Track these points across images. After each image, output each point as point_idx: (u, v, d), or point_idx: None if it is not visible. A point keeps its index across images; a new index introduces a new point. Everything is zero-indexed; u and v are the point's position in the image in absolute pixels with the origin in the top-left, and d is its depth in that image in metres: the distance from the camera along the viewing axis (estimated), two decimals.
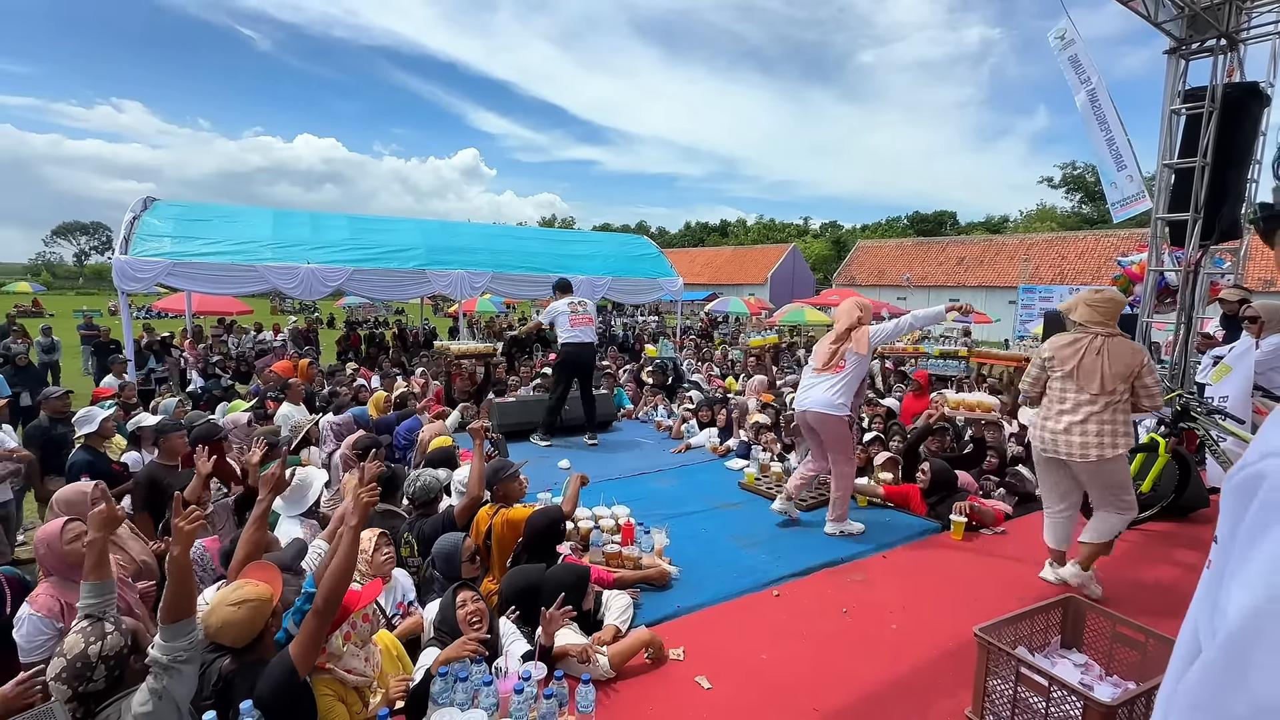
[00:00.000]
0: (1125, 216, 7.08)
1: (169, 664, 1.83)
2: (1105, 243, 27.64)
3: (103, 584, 2.06)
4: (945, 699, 2.51)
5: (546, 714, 2.07)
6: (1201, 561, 0.76)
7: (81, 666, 1.86)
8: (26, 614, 2.36)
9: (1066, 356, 3.29)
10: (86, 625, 1.96)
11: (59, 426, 5.07)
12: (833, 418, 4.11)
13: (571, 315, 6.54)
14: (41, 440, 4.96)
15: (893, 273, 33.52)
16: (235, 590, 2.09)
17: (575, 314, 6.57)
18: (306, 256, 9.41)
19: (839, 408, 4.10)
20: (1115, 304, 3.36)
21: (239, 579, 2.21)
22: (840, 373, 4.15)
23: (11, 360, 8.09)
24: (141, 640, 2.12)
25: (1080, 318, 3.40)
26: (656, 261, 13.43)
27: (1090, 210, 43.33)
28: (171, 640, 1.86)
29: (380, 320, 27.07)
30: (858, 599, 3.34)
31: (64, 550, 2.46)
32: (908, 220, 57.41)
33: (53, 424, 5.10)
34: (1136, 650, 2.41)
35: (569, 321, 6.51)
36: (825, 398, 4.12)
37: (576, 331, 6.51)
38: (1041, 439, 3.36)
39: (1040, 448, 3.38)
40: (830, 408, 4.09)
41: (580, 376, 6.68)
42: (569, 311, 6.55)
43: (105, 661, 1.90)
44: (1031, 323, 18.87)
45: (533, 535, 3.12)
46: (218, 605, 2.06)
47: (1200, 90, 5.91)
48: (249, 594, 2.07)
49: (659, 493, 5.12)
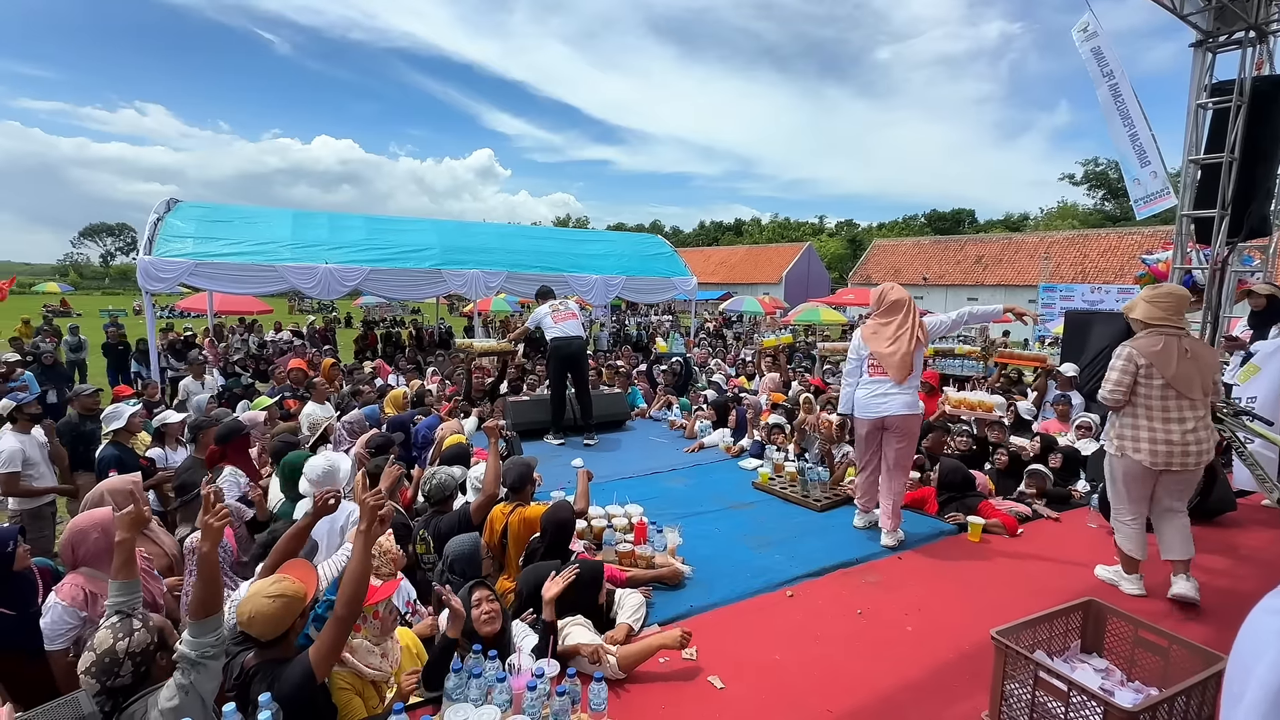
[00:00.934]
0: (1149, 213, 6.93)
1: (197, 659, 1.87)
2: (1128, 240, 27.10)
3: (130, 583, 2.10)
4: (961, 703, 2.48)
5: (559, 711, 2.08)
6: (1226, 566, 0.74)
7: (110, 662, 1.91)
8: (53, 602, 2.43)
9: (1162, 363, 3.10)
10: (116, 621, 2.01)
11: (88, 423, 5.22)
12: (915, 417, 4.01)
13: (553, 313, 6.78)
14: (72, 436, 5.10)
15: (909, 271, 33.15)
16: (274, 583, 2.11)
17: (557, 312, 6.80)
18: (325, 257, 9.54)
19: (917, 405, 4.02)
20: (1179, 299, 3.23)
21: (278, 573, 2.24)
22: (914, 374, 4.00)
23: (39, 359, 8.29)
24: (168, 637, 2.16)
25: (1143, 315, 3.25)
26: (670, 261, 13.42)
27: (1113, 207, 42.54)
28: (200, 636, 1.89)
29: (397, 320, 27.36)
30: (873, 600, 3.31)
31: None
32: (925, 218, 56.79)
33: (82, 420, 5.25)
34: (1159, 655, 2.36)
35: (552, 320, 6.74)
36: (908, 399, 3.96)
37: (561, 327, 6.70)
38: (1154, 453, 3.15)
39: (1151, 462, 3.16)
40: (913, 408, 3.97)
41: (571, 370, 6.80)
42: (550, 311, 6.81)
43: (132, 658, 1.94)
44: (1052, 322, 18.55)
45: (546, 532, 3.13)
46: (254, 595, 2.08)
47: (1228, 84, 5.77)
48: (285, 589, 2.09)
49: (672, 492, 5.12)
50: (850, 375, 4.20)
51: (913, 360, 3.94)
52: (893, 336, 3.98)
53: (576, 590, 2.75)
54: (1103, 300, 18.98)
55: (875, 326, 4.10)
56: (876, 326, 4.09)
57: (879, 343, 4.01)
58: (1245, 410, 4.18)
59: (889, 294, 4.11)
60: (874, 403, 4.00)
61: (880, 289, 4.18)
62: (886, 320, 4.05)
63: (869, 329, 4.13)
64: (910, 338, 3.93)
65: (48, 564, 2.84)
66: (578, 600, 2.76)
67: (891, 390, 3.95)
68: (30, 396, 4.52)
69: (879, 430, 4.04)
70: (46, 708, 1.84)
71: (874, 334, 4.07)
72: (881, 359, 3.98)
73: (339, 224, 10.88)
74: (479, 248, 11.24)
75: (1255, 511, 4.51)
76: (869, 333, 4.11)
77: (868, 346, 4.07)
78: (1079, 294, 20.00)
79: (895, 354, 3.92)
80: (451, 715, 2.06)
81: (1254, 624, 0.70)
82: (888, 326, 4.03)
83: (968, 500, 4.44)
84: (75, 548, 2.55)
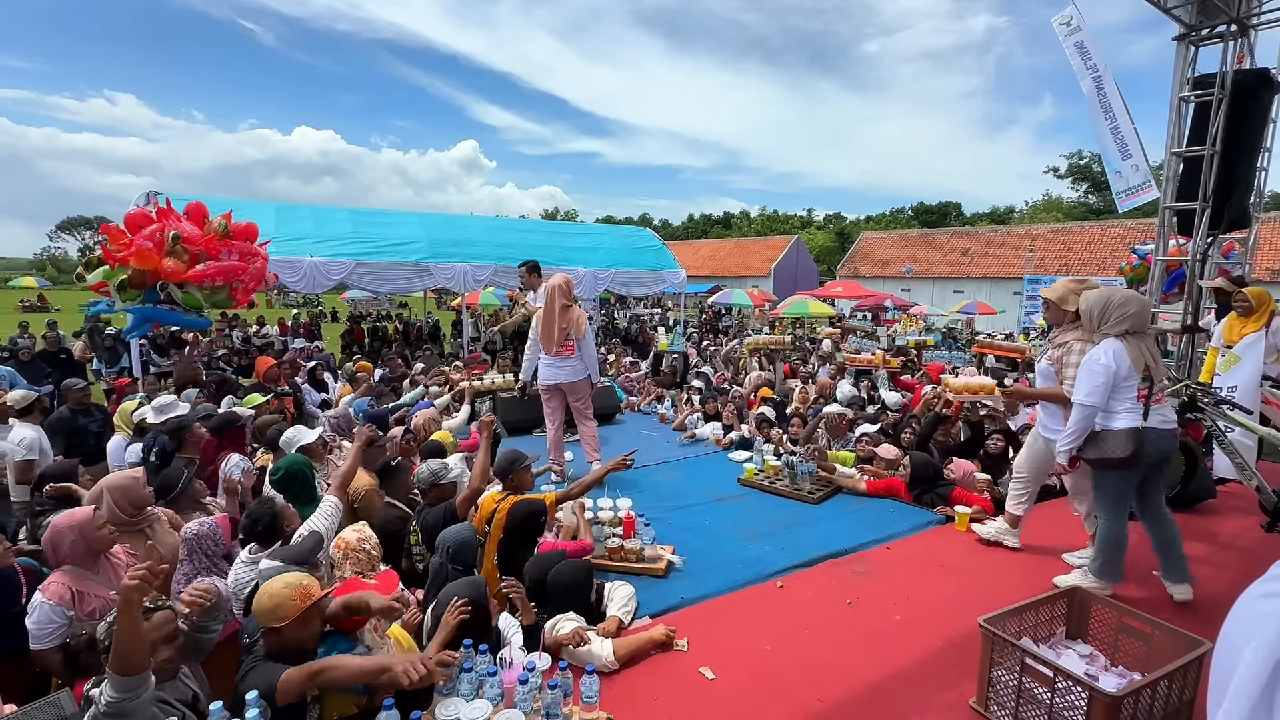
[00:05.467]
0: (1131, 206, 7.01)
1: (105, 712, 1.68)
2: (1111, 233, 27.43)
3: (134, 679, 1.70)
4: (949, 690, 2.51)
5: (551, 704, 2.08)
6: (1207, 553, 0.74)
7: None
8: (39, 601, 2.39)
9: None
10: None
11: (80, 417, 5.20)
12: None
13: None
14: (65, 431, 5.04)
15: (897, 264, 33.34)
16: (295, 576, 2.10)
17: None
18: (309, 250, 9.41)
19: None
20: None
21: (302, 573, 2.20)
22: None
23: (16, 354, 8.12)
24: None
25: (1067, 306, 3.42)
26: (659, 254, 13.38)
27: (1096, 200, 42.95)
28: (115, 690, 1.69)
29: (383, 314, 27.10)
30: (861, 590, 3.34)
31: (95, 536, 2.49)
32: (912, 211, 57.07)
33: (74, 415, 5.21)
34: (1142, 641, 2.41)
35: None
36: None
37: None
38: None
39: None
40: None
41: None
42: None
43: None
44: (1037, 314, 18.76)
45: (512, 525, 3.14)
46: (273, 579, 2.09)
47: (1210, 77, 5.83)
48: (294, 581, 2.07)
49: (662, 485, 5.13)
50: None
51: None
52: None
53: (569, 590, 2.75)
54: None
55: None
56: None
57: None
58: (1226, 400, 4.26)
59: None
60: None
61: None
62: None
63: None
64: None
65: (31, 564, 2.79)
66: (571, 601, 2.76)
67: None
68: (40, 391, 4.58)
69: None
70: (28, 709, 1.81)
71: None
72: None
73: (323, 217, 10.73)
74: (466, 241, 11.14)
75: (1234, 499, 4.60)
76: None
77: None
78: None
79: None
80: (443, 710, 2.06)
81: (1242, 609, 0.71)
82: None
83: (939, 490, 4.53)
84: (56, 548, 2.51)
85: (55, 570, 2.51)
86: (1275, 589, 0.67)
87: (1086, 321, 3.19)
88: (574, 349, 5.07)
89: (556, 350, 5.05)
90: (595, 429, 5.31)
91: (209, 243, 5.63)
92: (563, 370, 5.10)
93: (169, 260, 5.33)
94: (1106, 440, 3.02)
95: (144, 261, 5.25)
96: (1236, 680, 0.64)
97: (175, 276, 5.36)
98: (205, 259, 5.57)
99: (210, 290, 5.62)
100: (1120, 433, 2.99)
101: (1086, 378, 3.03)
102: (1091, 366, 3.02)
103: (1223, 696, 0.66)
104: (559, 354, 5.08)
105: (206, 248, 5.60)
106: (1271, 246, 21.81)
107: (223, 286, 5.69)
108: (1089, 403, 3.00)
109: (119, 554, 2.70)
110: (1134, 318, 3.03)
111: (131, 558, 2.75)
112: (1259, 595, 0.69)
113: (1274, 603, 0.66)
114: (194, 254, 5.52)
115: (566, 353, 5.05)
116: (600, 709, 2.24)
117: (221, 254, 5.68)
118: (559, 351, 5.07)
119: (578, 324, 5.00)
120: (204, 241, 5.60)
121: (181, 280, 5.41)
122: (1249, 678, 0.63)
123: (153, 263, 5.29)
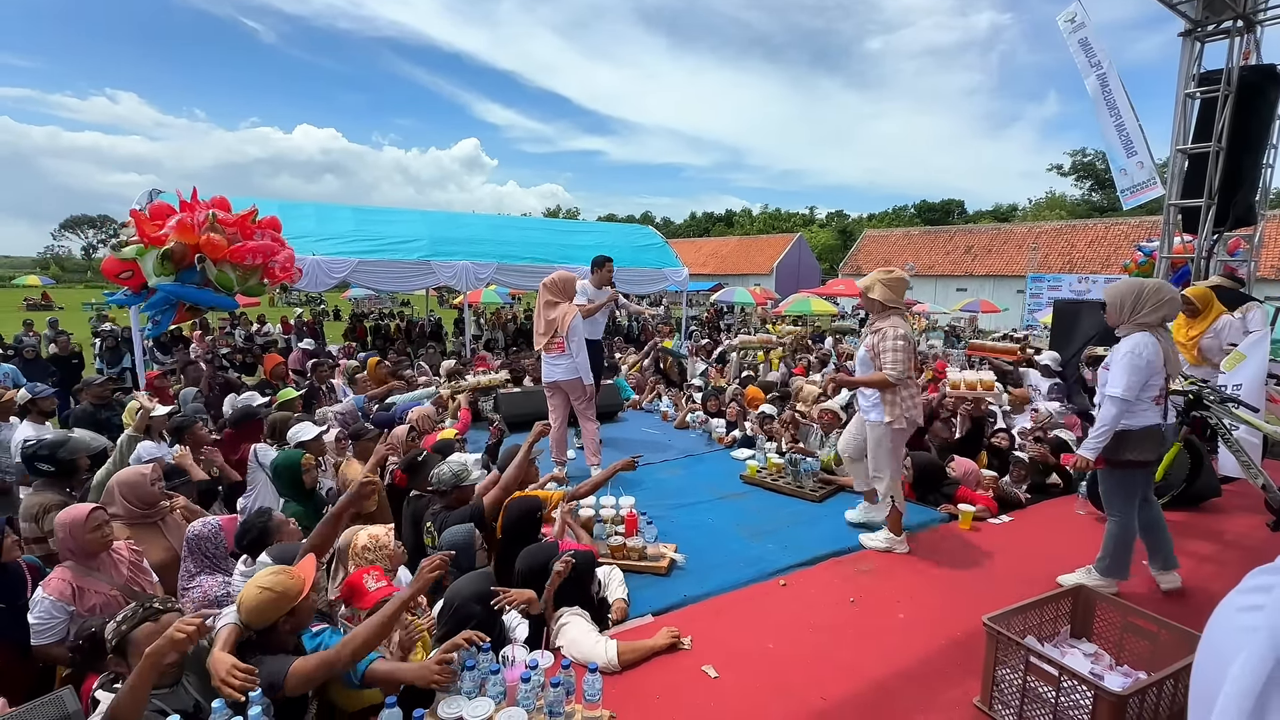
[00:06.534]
0: (1135, 203, 6.98)
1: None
2: (1115, 231, 27.33)
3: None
4: (953, 688, 2.50)
5: (554, 702, 2.08)
6: (1212, 551, 0.72)
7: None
8: (40, 596, 2.40)
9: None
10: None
11: (102, 412, 5.26)
12: None
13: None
14: (88, 425, 5.03)
15: (900, 262, 33.24)
16: (270, 575, 2.09)
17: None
18: (312, 248, 9.41)
19: None
20: (904, 281, 3.64)
21: (283, 567, 2.20)
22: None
23: (21, 353, 8.15)
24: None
25: (881, 297, 3.56)
26: (661, 252, 13.36)
27: (1100, 198, 42.75)
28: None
29: (386, 312, 27.13)
30: (865, 589, 3.33)
31: (86, 539, 2.49)
32: (915, 209, 56.90)
33: (96, 410, 5.26)
34: (1148, 640, 2.40)
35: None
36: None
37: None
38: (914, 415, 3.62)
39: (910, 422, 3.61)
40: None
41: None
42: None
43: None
44: (1040, 312, 18.71)
45: (509, 523, 3.14)
46: (251, 582, 2.08)
47: (1215, 73, 5.80)
48: (278, 583, 2.06)
49: (665, 483, 5.12)
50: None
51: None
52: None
53: (572, 583, 2.74)
54: (1090, 290, 19.16)
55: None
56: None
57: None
58: (1231, 397, 4.23)
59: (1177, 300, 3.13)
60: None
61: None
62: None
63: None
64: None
65: (35, 561, 2.80)
66: (574, 593, 2.76)
67: None
68: (48, 391, 4.73)
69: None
70: (30, 706, 1.81)
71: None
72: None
73: (326, 215, 10.74)
74: (468, 239, 11.14)
75: (1240, 498, 4.58)
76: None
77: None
78: (1066, 284, 20.18)
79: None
80: (445, 708, 2.05)
81: (1222, 619, 0.69)
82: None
83: (944, 490, 4.50)
84: (59, 544, 2.52)
85: (57, 566, 2.53)
86: (1257, 601, 0.65)
87: (1115, 313, 3.09)
88: (564, 346, 5.05)
89: (546, 347, 5.05)
90: (597, 431, 5.28)
91: (243, 224, 5.75)
92: (557, 368, 5.08)
93: (213, 234, 5.41)
94: (1129, 440, 2.98)
95: (186, 235, 5.30)
96: (1223, 699, 0.62)
97: (218, 250, 5.45)
98: (240, 241, 5.70)
99: (245, 273, 5.68)
100: (1142, 431, 2.96)
101: (1128, 371, 2.91)
102: (1134, 361, 2.91)
103: (1207, 712, 0.64)
104: (550, 352, 5.06)
105: (241, 230, 5.72)
106: (1277, 243, 21.70)
107: (258, 268, 5.76)
108: (1126, 396, 2.92)
109: (122, 550, 2.71)
110: (1169, 304, 2.98)
111: (135, 553, 2.76)
112: (1239, 608, 0.67)
113: (1256, 616, 0.64)
114: (230, 236, 5.63)
115: (558, 350, 5.02)
116: (603, 707, 2.23)
117: (255, 235, 5.81)
118: (550, 349, 5.05)
119: (563, 321, 4.97)
120: (237, 222, 5.73)
121: (223, 257, 5.49)
122: (1236, 695, 0.61)
123: (194, 237, 5.34)
